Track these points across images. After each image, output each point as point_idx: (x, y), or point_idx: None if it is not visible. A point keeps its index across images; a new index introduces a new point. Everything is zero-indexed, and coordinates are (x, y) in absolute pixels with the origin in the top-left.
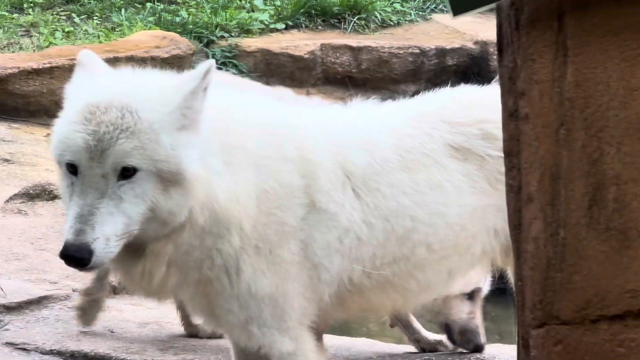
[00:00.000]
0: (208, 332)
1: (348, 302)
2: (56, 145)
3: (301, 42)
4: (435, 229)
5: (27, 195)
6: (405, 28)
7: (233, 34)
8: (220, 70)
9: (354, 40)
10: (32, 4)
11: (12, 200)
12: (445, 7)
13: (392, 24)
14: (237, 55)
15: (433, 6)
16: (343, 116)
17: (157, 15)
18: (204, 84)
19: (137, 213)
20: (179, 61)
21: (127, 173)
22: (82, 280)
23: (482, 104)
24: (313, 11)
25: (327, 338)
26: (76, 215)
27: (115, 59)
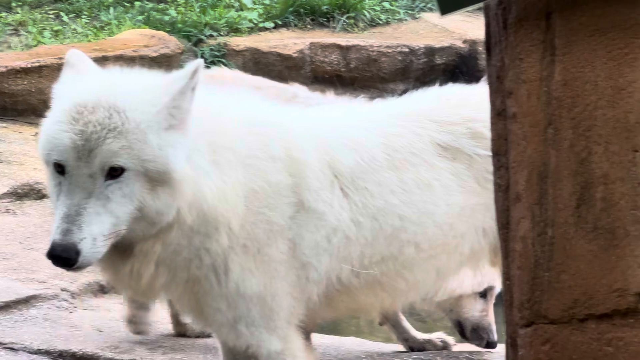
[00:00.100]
0: (196, 331)
1: (336, 302)
2: (44, 144)
3: (290, 41)
4: (423, 228)
5: (16, 195)
6: (394, 27)
7: (222, 33)
8: (224, 67)
9: (343, 39)
10: (20, 3)
11: (0, 199)
12: (433, 6)
13: (381, 22)
14: (225, 54)
15: (422, 5)
16: (331, 115)
17: (146, 14)
18: (191, 84)
19: (124, 213)
20: (168, 60)
21: (115, 173)
22: (70, 279)
23: (470, 103)
24: (302, 10)
25: (315, 337)
26: (63, 215)
27: (104, 58)
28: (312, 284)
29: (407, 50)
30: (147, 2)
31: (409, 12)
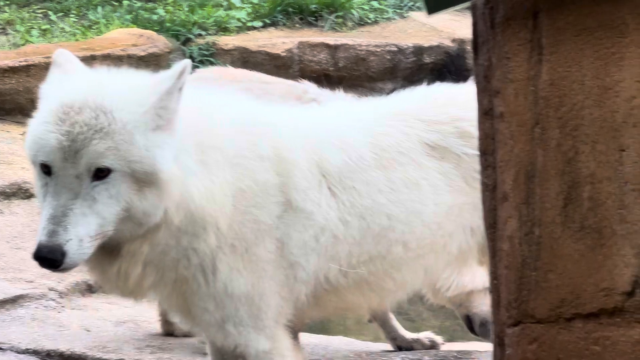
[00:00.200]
0: (184, 331)
1: (324, 301)
2: (30, 145)
3: (278, 40)
4: (411, 227)
5: (3, 194)
6: (382, 26)
7: (210, 32)
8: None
9: (332, 39)
10: (8, 2)
11: None
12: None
13: (369, 21)
14: (214, 53)
15: (410, 4)
16: (319, 114)
17: (134, 13)
18: (179, 84)
19: (111, 214)
20: (156, 59)
21: (101, 174)
22: (58, 279)
23: (458, 102)
24: (290, 9)
25: (303, 336)
26: (49, 217)
27: (92, 57)
28: (300, 283)
29: (395, 49)
30: (135, 1)
31: (398, 11)
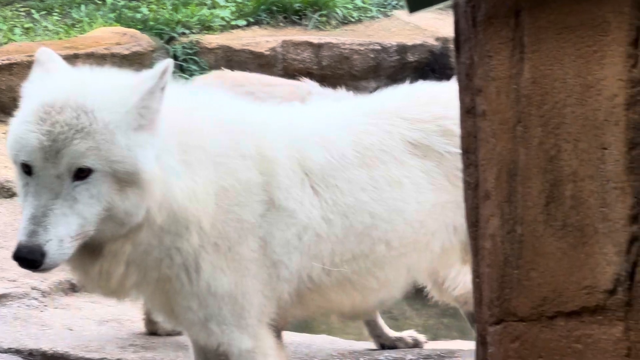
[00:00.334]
0: (167, 330)
1: (307, 300)
2: (11, 144)
3: (262, 39)
4: (394, 225)
5: None
6: (366, 24)
7: (194, 31)
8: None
9: (315, 37)
10: None
11: None
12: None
13: (353, 20)
14: (198, 52)
15: (394, 2)
16: (301, 113)
17: (118, 11)
18: (161, 84)
19: (92, 214)
20: (140, 58)
21: (82, 174)
22: (41, 278)
23: (440, 101)
24: (274, 8)
25: (286, 335)
26: (30, 217)
27: (75, 56)
28: (283, 282)
29: (379, 48)
30: (119, 0)
31: (381, 9)
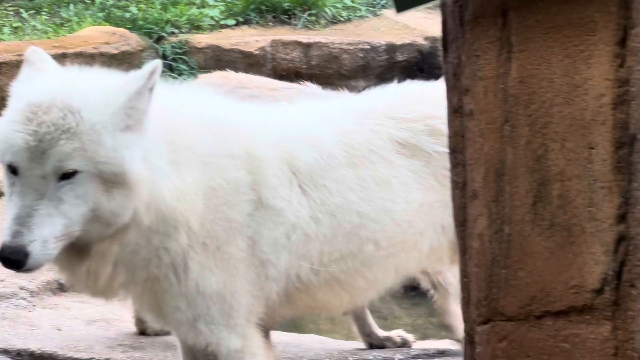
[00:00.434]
0: (155, 329)
1: (296, 300)
2: None
3: (251, 39)
4: (382, 225)
5: None
6: (355, 24)
7: (183, 30)
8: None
9: (305, 37)
10: None
11: None
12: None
13: (342, 19)
14: (187, 51)
15: (383, 2)
16: (289, 113)
17: (107, 11)
18: (149, 84)
19: (77, 214)
20: (129, 57)
21: (68, 174)
22: (29, 278)
23: (428, 100)
24: (263, 7)
25: (275, 334)
26: (15, 217)
27: (64, 55)
28: (272, 281)
29: (368, 47)
30: None
31: (370, 9)
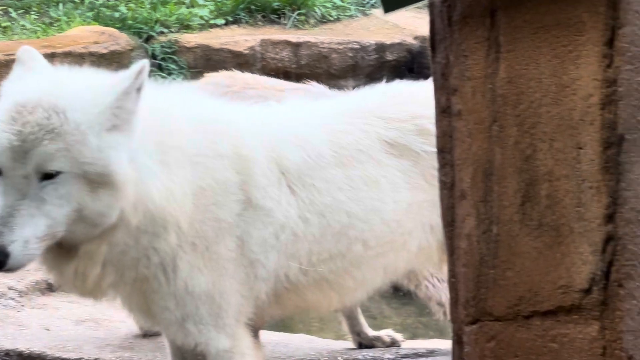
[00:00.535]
0: (144, 330)
1: (285, 299)
2: None
3: (241, 38)
4: (371, 225)
5: None
6: (344, 23)
7: (173, 30)
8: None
9: (294, 36)
10: None
11: None
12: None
13: (331, 19)
14: (176, 51)
15: (373, 1)
16: (278, 112)
17: (96, 10)
18: (136, 84)
19: (61, 214)
20: (118, 57)
21: (50, 174)
22: (18, 278)
23: (417, 100)
24: (253, 7)
25: (264, 334)
26: None
27: (53, 55)
28: (261, 281)
29: (357, 46)
30: None
31: (360, 8)
